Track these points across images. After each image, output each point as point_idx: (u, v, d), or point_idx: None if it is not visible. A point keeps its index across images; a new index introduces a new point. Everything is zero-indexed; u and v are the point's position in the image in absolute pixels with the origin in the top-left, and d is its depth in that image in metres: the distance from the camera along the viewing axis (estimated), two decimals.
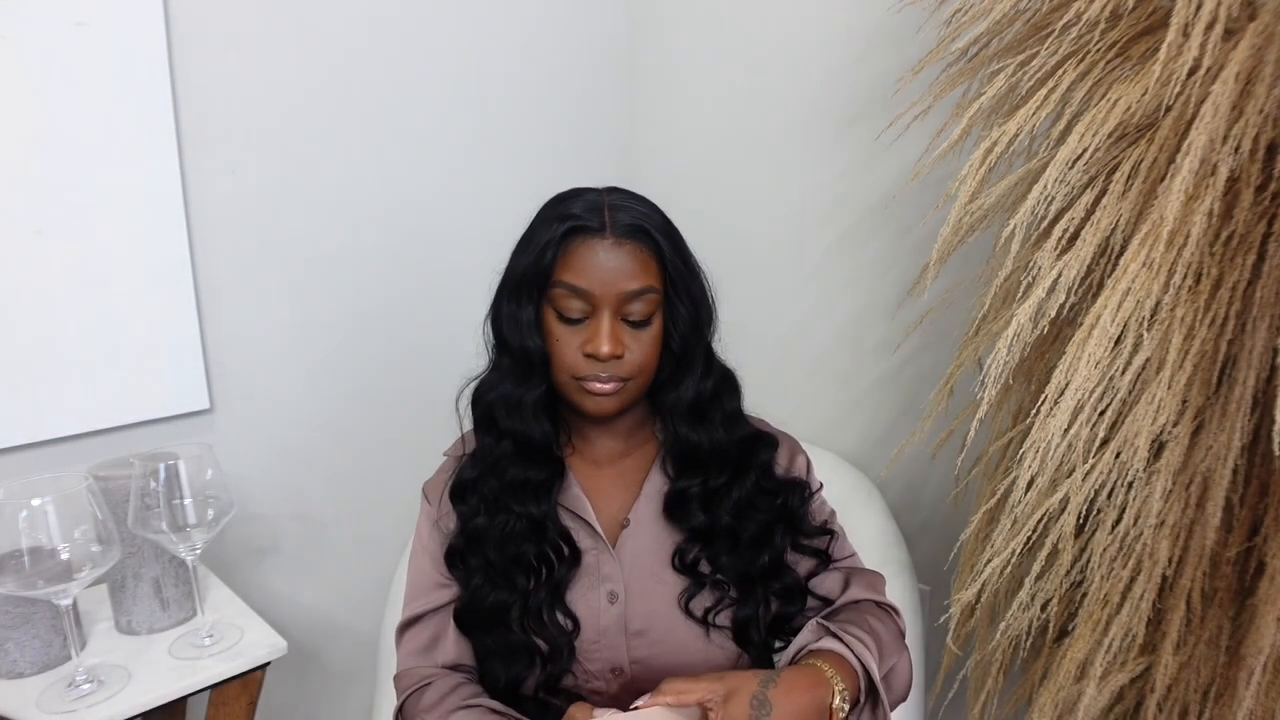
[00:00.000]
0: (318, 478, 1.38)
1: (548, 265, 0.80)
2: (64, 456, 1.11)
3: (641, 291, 0.80)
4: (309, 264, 1.32)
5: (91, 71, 1.07)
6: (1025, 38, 0.94)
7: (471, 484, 0.86)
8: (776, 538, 0.86)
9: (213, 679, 0.97)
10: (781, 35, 1.45)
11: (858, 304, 1.44)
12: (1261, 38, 0.74)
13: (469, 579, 0.85)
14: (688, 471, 0.86)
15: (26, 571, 0.84)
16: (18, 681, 0.94)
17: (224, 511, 0.98)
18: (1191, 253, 0.76)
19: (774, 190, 1.52)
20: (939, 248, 0.96)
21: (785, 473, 0.91)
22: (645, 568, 0.84)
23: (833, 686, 0.74)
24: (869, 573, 0.91)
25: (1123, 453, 0.81)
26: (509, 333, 0.83)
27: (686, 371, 0.85)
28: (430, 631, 0.87)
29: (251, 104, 1.23)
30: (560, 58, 1.59)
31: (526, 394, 0.83)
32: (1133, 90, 0.79)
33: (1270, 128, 0.76)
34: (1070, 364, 0.79)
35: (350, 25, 1.31)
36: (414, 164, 1.42)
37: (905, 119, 1.11)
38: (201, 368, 1.22)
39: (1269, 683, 0.78)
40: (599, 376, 0.80)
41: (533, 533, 0.83)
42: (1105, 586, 0.86)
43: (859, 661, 0.77)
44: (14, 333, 1.06)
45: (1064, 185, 0.83)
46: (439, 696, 0.81)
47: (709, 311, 0.87)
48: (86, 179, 1.09)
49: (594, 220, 0.80)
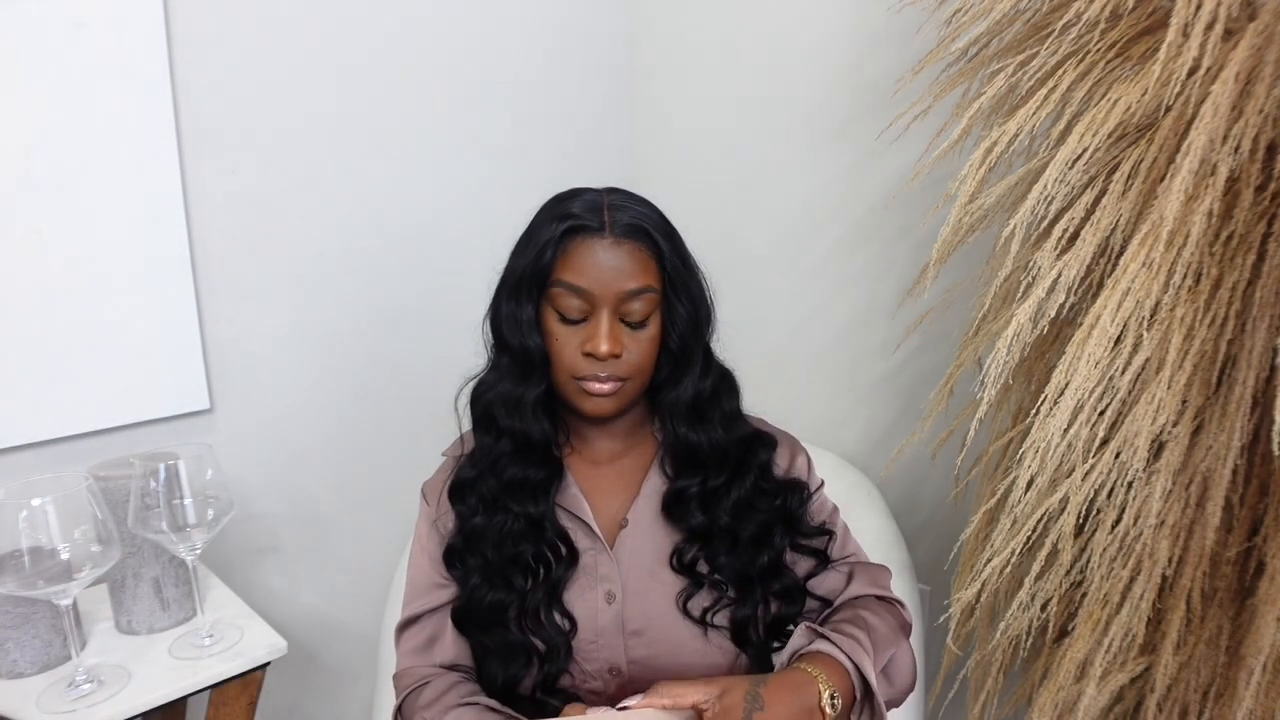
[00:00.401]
0: (318, 478, 1.38)
1: (547, 265, 0.80)
2: (64, 456, 1.11)
3: (640, 291, 0.80)
4: (309, 264, 1.32)
5: (91, 71, 1.07)
6: (1025, 38, 0.94)
7: (470, 483, 0.86)
8: (775, 538, 0.86)
9: (213, 679, 0.97)
10: (782, 36, 1.45)
11: (858, 304, 1.44)
12: (1261, 38, 0.74)
13: (467, 578, 0.85)
14: (686, 471, 0.86)
15: (26, 571, 0.84)
16: (18, 681, 0.94)
17: (224, 511, 0.98)
18: (1191, 253, 0.76)
19: (774, 190, 1.52)
20: (939, 248, 0.96)
21: (785, 473, 0.91)
22: (643, 567, 0.84)
23: (819, 687, 0.74)
24: (873, 567, 0.91)
25: (1123, 453, 0.81)
26: (508, 332, 0.83)
27: (685, 371, 0.85)
28: (429, 631, 0.87)
29: (251, 104, 1.23)
30: (562, 56, 1.59)
31: (526, 393, 0.83)
32: (1133, 90, 0.79)
33: (1270, 128, 0.76)
34: (1070, 364, 0.79)
35: (351, 26, 1.31)
36: (414, 164, 1.42)
37: (905, 119, 1.11)
38: (201, 368, 1.22)
39: (1269, 683, 0.78)
40: (598, 376, 0.80)
41: (530, 532, 0.83)
42: (1105, 586, 0.86)
43: (849, 659, 0.77)
44: (14, 333, 1.06)
45: (1064, 185, 0.83)
46: (437, 694, 0.81)
47: (708, 311, 0.87)
48: (86, 179, 1.09)
49: (593, 220, 0.80)
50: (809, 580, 0.89)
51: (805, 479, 0.92)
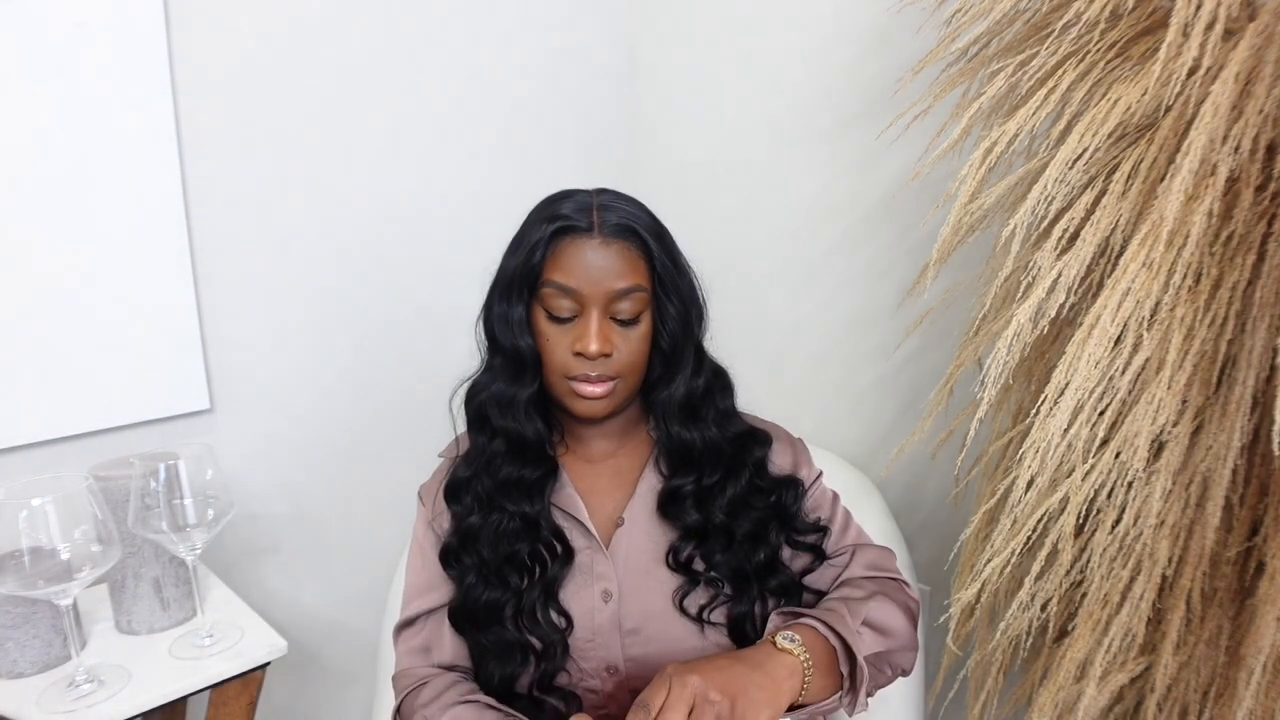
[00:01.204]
0: (318, 478, 1.38)
1: (536, 265, 0.81)
2: (64, 456, 1.11)
3: (629, 290, 0.80)
4: (309, 264, 1.32)
5: (91, 71, 1.07)
6: (1025, 38, 0.94)
7: (465, 483, 0.87)
8: (771, 535, 0.86)
9: (213, 679, 0.97)
10: (781, 35, 1.45)
11: (858, 304, 1.44)
12: (1261, 38, 0.74)
13: (463, 578, 0.85)
14: (681, 469, 0.86)
15: (27, 571, 0.84)
16: (18, 681, 0.94)
17: (224, 511, 0.98)
18: (1191, 253, 0.76)
19: (774, 190, 1.52)
20: (939, 248, 0.96)
21: (781, 469, 0.91)
22: (639, 566, 0.85)
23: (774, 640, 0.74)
24: (874, 549, 0.91)
25: (1123, 453, 0.81)
26: (500, 333, 0.84)
27: (677, 370, 0.86)
28: (426, 633, 0.87)
29: (252, 104, 1.23)
30: (562, 58, 1.59)
31: (519, 393, 0.84)
32: (1133, 90, 0.79)
33: (1270, 128, 0.76)
34: (1070, 364, 0.79)
35: (351, 26, 1.31)
36: (414, 165, 1.42)
37: (905, 119, 1.10)
38: (201, 368, 1.22)
39: (1269, 683, 0.78)
40: (589, 375, 0.81)
41: (526, 531, 0.84)
42: (1105, 586, 0.86)
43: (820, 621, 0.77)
44: (14, 332, 1.06)
45: (1064, 185, 0.83)
46: (436, 693, 0.82)
47: (699, 310, 0.87)
48: (86, 179, 1.09)
49: (582, 220, 0.81)
50: (806, 576, 0.89)
51: (802, 472, 0.92)
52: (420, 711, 0.81)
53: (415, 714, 0.81)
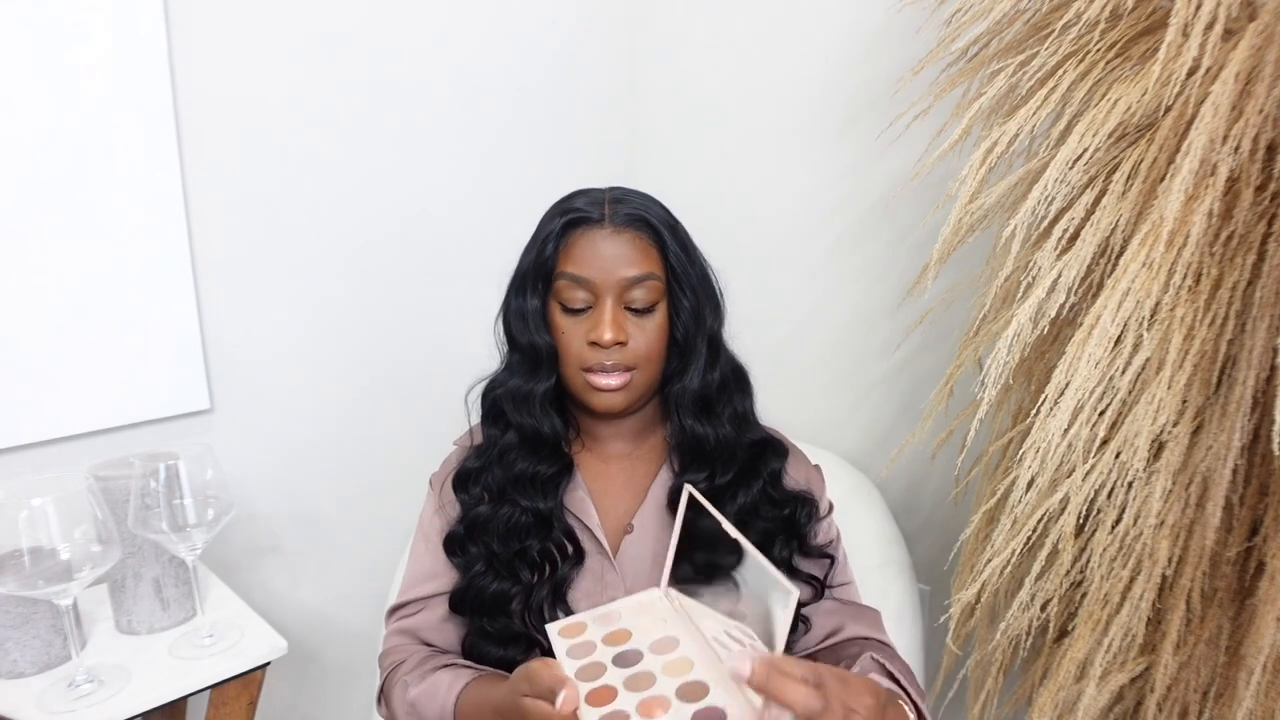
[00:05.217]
0: (318, 478, 1.38)
1: (549, 258, 0.81)
2: (64, 456, 1.11)
3: (642, 278, 0.80)
4: (309, 264, 1.32)
5: (91, 71, 1.07)
6: (1025, 38, 0.94)
7: (474, 474, 0.87)
8: (777, 548, 0.85)
9: (213, 679, 0.97)
10: (782, 36, 1.45)
11: (858, 304, 1.44)
12: (1261, 38, 0.74)
13: (469, 565, 0.85)
14: (693, 466, 0.86)
15: (27, 571, 0.84)
16: (18, 681, 0.94)
17: (224, 511, 0.98)
18: (1191, 253, 0.76)
19: (774, 190, 1.52)
20: (939, 248, 0.96)
21: (796, 484, 0.89)
22: (646, 574, 0.84)
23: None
24: (869, 611, 0.89)
25: (1123, 453, 0.81)
26: (516, 329, 0.84)
27: (691, 362, 0.85)
28: (419, 618, 0.88)
29: (252, 104, 1.23)
30: (562, 58, 1.59)
31: (535, 388, 0.84)
32: (1133, 90, 0.79)
33: (1270, 128, 0.76)
34: (1070, 364, 0.79)
35: (351, 26, 1.31)
36: (415, 164, 1.42)
37: (905, 119, 1.11)
38: (201, 368, 1.22)
39: (1269, 683, 0.78)
40: (604, 366, 0.80)
41: (538, 527, 0.84)
42: (1105, 586, 0.86)
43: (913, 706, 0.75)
44: (14, 332, 1.06)
45: (1064, 185, 0.83)
46: (418, 661, 0.83)
47: (715, 302, 0.87)
48: (86, 179, 1.09)
49: (594, 212, 0.81)
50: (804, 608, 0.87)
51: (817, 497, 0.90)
52: (402, 679, 0.82)
53: (397, 683, 0.82)
